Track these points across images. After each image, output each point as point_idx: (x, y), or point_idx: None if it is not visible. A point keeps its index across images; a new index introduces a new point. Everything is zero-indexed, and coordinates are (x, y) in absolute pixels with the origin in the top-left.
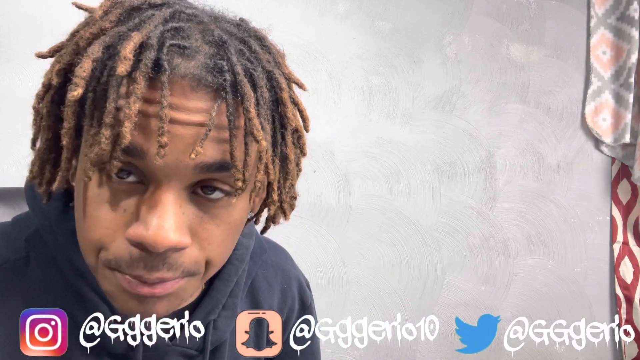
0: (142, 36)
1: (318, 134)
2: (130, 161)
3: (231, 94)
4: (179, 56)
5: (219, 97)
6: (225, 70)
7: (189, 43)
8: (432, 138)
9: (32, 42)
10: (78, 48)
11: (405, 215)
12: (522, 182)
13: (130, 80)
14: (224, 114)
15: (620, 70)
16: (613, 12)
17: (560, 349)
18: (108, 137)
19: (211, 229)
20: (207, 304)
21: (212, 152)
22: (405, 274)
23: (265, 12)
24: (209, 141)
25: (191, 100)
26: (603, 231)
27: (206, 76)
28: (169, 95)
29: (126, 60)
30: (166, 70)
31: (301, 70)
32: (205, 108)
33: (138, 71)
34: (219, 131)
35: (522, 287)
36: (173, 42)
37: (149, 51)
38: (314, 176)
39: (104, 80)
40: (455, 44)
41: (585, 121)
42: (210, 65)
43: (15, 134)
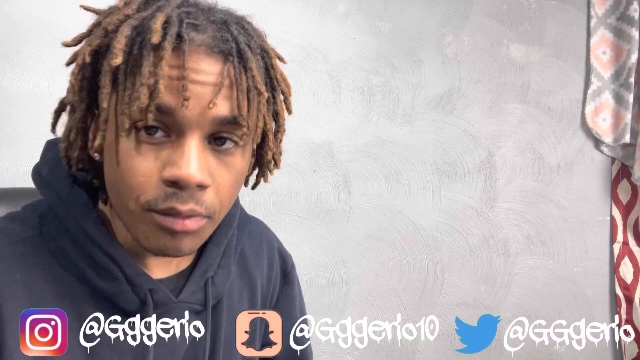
0: (165, 16)
1: (318, 134)
2: (159, 119)
3: (236, 59)
4: (193, 31)
5: (228, 61)
6: (230, 40)
7: (199, 22)
8: (432, 138)
9: (32, 42)
10: (106, 32)
11: (405, 215)
12: (522, 182)
13: (160, 48)
14: (232, 74)
15: (620, 70)
16: (613, 12)
17: (560, 349)
18: (146, 93)
19: (224, 175)
20: (204, 263)
21: (224, 108)
22: (405, 274)
23: (265, 12)
24: (222, 99)
25: (206, 64)
26: (603, 231)
27: (216, 45)
28: (189, 60)
29: (157, 32)
30: (186, 41)
31: (301, 70)
32: (217, 70)
33: (166, 41)
34: (228, 91)
35: (522, 287)
36: (188, 20)
37: (172, 27)
38: (314, 176)
39: (136, 53)
40: (455, 44)
41: (585, 121)
42: (218, 37)
43: (15, 134)
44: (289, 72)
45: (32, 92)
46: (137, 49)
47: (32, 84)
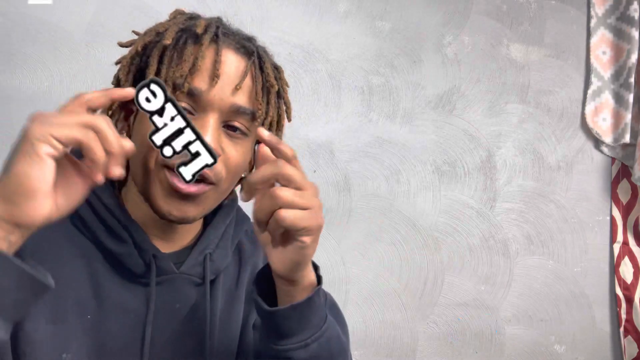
0: (206, 22)
1: (318, 134)
2: (189, 102)
3: (257, 59)
4: (224, 36)
5: (250, 59)
6: (252, 46)
7: (229, 32)
8: (432, 138)
9: (32, 42)
10: (157, 33)
11: (405, 215)
12: (522, 182)
13: (201, 38)
14: (253, 70)
15: (620, 70)
16: (613, 12)
17: (560, 349)
18: (188, 64)
19: (232, 151)
20: (203, 241)
21: (243, 98)
22: (405, 274)
23: (265, 12)
24: (242, 92)
25: (233, 59)
26: (603, 231)
27: (242, 47)
28: (221, 52)
29: (200, 26)
30: (220, 38)
31: (301, 71)
32: (241, 65)
33: (206, 34)
34: (248, 86)
35: (522, 287)
36: (222, 29)
37: (210, 28)
38: (314, 176)
39: (181, 43)
40: (455, 44)
41: (585, 121)
42: (244, 43)
43: (15, 134)
44: (289, 72)
45: (32, 92)
46: (183, 40)
47: (32, 84)
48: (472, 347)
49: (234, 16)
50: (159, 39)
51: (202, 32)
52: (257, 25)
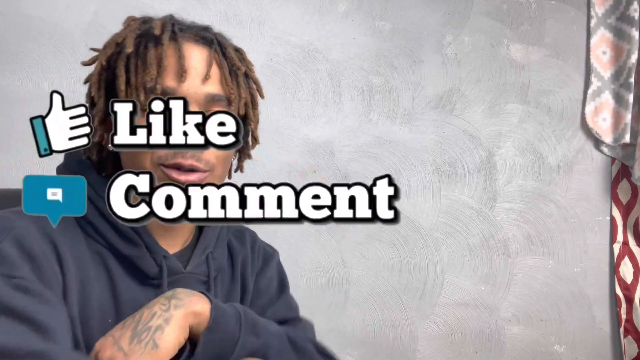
0: (161, 22)
1: (318, 134)
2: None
3: (217, 46)
4: (183, 31)
5: (211, 48)
6: (211, 35)
7: (185, 27)
8: (432, 138)
9: (32, 42)
10: (117, 44)
11: (405, 215)
12: (522, 182)
13: (161, 39)
14: (217, 57)
15: (620, 70)
16: (613, 12)
17: (561, 349)
18: (155, 67)
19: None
20: (203, 241)
21: (215, 87)
22: (405, 274)
23: (265, 12)
24: (212, 81)
25: (196, 51)
26: (603, 231)
27: (201, 37)
28: (182, 48)
29: (158, 27)
30: (178, 35)
31: (301, 71)
32: (205, 55)
33: (164, 34)
34: (215, 73)
35: (522, 287)
36: (178, 25)
37: (167, 27)
38: (314, 176)
39: (142, 48)
40: (455, 44)
41: (585, 121)
42: (202, 34)
43: (15, 134)
44: (289, 72)
45: (32, 92)
46: (143, 46)
47: (32, 84)
48: (472, 347)
49: (234, 16)
50: (119, 49)
51: (160, 33)
52: (257, 25)
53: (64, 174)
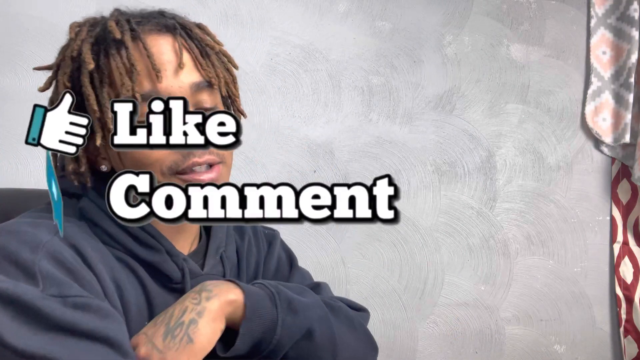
0: (113, 22)
1: (318, 134)
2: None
3: (181, 30)
4: (141, 25)
5: (176, 34)
6: (170, 20)
7: (140, 19)
8: (432, 138)
9: (32, 42)
10: (72, 59)
11: (405, 215)
12: (522, 182)
13: (122, 42)
14: (184, 42)
15: (620, 70)
16: (613, 12)
17: (561, 349)
18: (126, 77)
19: None
20: (215, 241)
21: (194, 75)
22: (405, 274)
23: (265, 12)
24: (188, 70)
25: (162, 42)
26: (603, 231)
27: (162, 26)
28: (147, 44)
29: (115, 30)
30: (139, 31)
31: (301, 71)
32: (171, 44)
33: (125, 35)
34: (188, 59)
35: (522, 287)
36: (132, 19)
37: (123, 26)
38: (314, 176)
39: (103, 58)
40: (455, 44)
41: (585, 121)
42: (161, 22)
43: (15, 134)
44: (289, 72)
45: (32, 92)
46: (104, 55)
47: (32, 84)
48: (472, 347)
49: (234, 16)
50: (78, 64)
51: (120, 37)
52: (257, 25)
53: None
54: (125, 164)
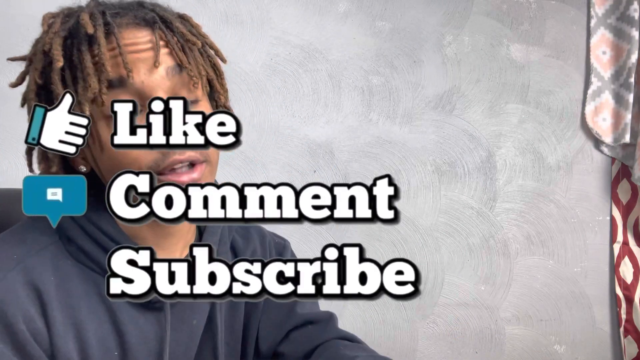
0: (88, 14)
1: (318, 134)
2: (121, 95)
3: (161, 23)
4: (118, 17)
5: (155, 28)
6: (149, 13)
7: (117, 10)
8: (432, 138)
9: (32, 42)
10: (44, 53)
11: (405, 215)
12: (522, 182)
13: (95, 38)
14: (163, 36)
15: (620, 70)
16: (613, 12)
17: (561, 349)
18: (94, 78)
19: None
20: (207, 241)
21: (168, 60)
22: None
23: (265, 12)
24: (163, 55)
25: (139, 36)
26: (603, 231)
27: (141, 19)
28: (122, 39)
29: (88, 24)
30: (114, 25)
31: (301, 71)
32: (149, 38)
33: (98, 30)
34: (166, 52)
35: (522, 287)
36: (109, 11)
37: (98, 20)
38: (314, 176)
39: (75, 54)
40: (455, 44)
41: (585, 121)
42: (140, 14)
43: (14, 134)
44: (289, 72)
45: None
46: (76, 50)
47: None
48: (472, 347)
49: (234, 16)
50: (49, 59)
51: (93, 31)
52: (257, 25)
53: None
54: (103, 164)
